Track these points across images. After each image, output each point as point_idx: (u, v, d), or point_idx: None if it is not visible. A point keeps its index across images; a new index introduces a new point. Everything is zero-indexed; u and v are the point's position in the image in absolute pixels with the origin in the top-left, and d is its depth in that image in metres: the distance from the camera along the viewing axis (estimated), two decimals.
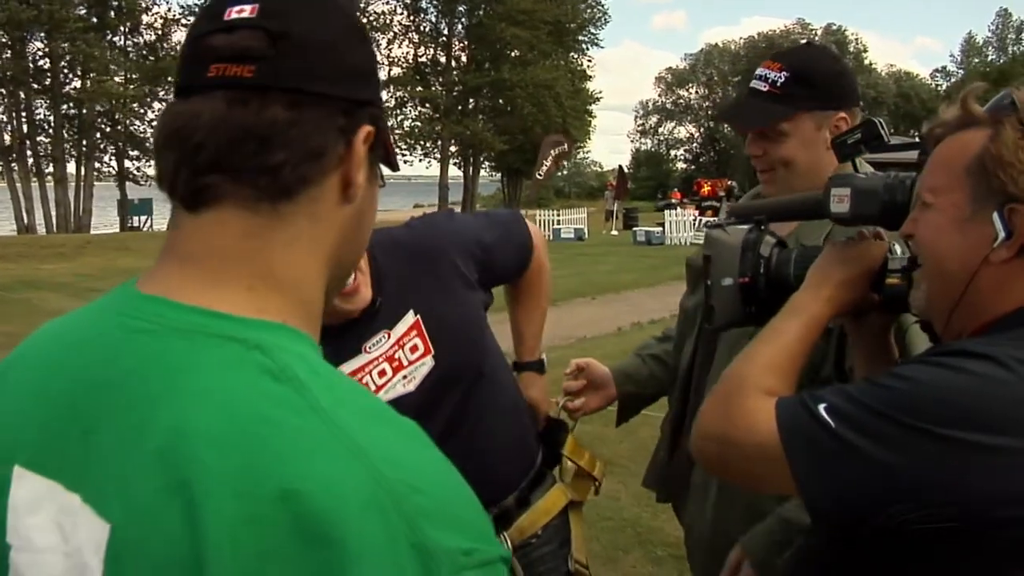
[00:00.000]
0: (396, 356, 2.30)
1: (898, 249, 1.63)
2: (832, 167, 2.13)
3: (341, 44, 0.99)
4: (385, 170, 1.11)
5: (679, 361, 2.56)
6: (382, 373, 2.29)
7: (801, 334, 1.54)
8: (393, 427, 0.91)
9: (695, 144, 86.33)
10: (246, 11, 0.95)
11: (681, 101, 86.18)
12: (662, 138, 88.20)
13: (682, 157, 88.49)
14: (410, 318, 2.32)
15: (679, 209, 34.29)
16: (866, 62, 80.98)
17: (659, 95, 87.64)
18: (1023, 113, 1.37)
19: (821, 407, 1.31)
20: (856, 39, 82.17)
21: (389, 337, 2.30)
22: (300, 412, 0.85)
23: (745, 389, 1.44)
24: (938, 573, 1.31)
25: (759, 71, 2.29)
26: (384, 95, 54.04)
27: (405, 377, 2.30)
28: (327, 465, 0.81)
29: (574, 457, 2.67)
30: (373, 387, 2.28)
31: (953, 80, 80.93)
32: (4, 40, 44.61)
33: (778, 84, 2.23)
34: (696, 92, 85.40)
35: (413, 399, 2.27)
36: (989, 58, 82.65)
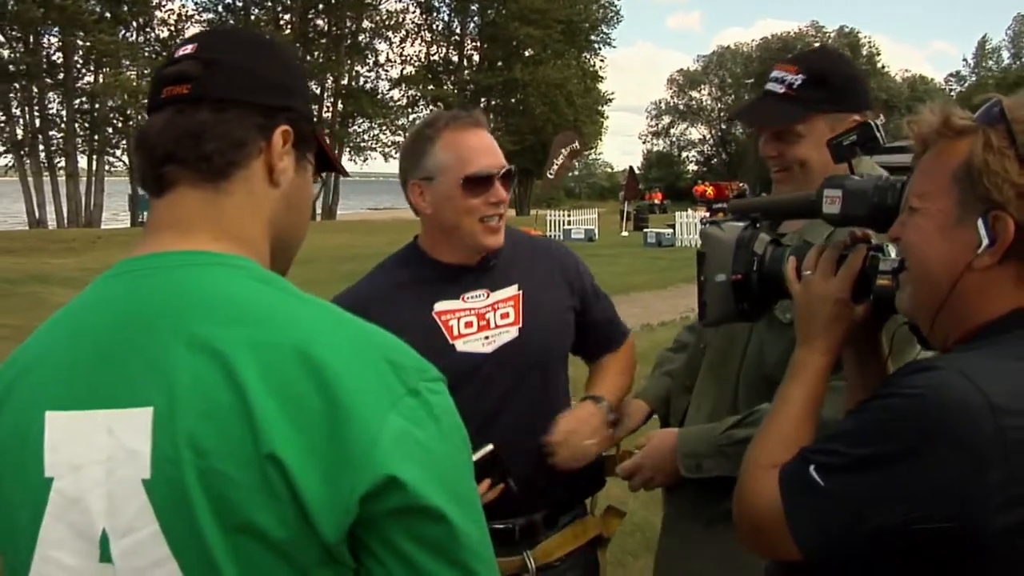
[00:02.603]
0: (487, 316, 2.41)
1: (892, 251, 1.63)
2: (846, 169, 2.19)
3: (260, 67, 1.31)
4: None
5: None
6: (468, 324, 2.39)
7: (806, 395, 1.60)
8: (340, 308, 1.23)
9: (707, 146, 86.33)
10: (188, 49, 1.30)
11: (693, 103, 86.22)
12: (674, 139, 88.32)
13: (694, 159, 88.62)
14: (513, 290, 2.46)
15: (691, 213, 34.16)
16: (879, 65, 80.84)
17: (671, 96, 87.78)
18: (1012, 122, 1.38)
19: (812, 468, 1.39)
20: (869, 42, 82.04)
21: (488, 297, 2.43)
22: (289, 300, 1.20)
23: (754, 471, 1.52)
24: None
25: (775, 73, 2.33)
26: (396, 93, 54.31)
27: (487, 338, 2.39)
28: (320, 327, 1.16)
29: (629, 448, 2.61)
30: (455, 332, 2.38)
31: (967, 84, 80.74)
32: (18, 34, 44.77)
33: (794, 86, 2.27)
34: (709, 94, 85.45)
35: (485, 361, 2.37)
36: (1004, 62, 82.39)
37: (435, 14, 60.27)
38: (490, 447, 2.25)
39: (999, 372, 1.32)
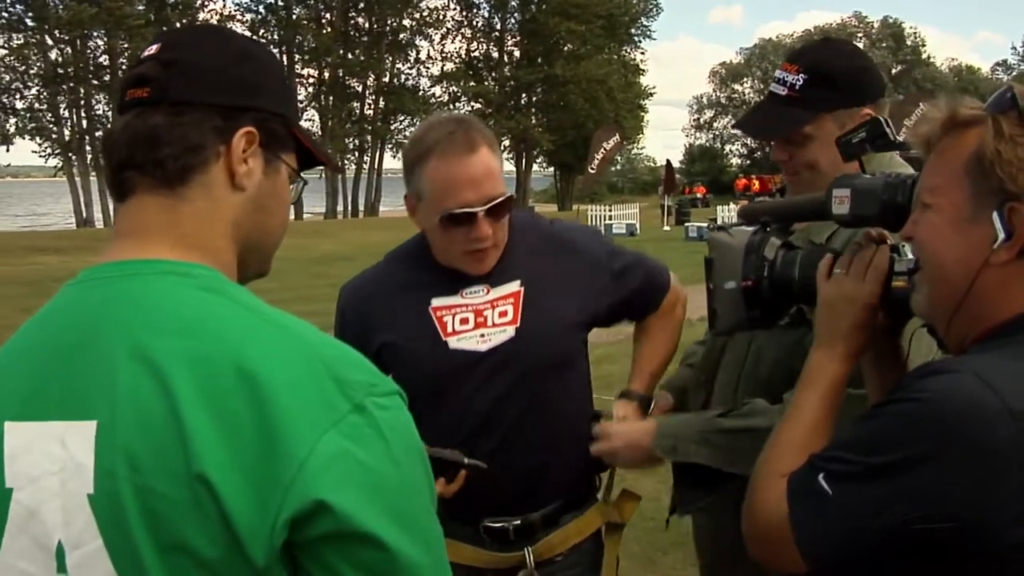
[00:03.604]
0: (484, 313, 2.32)
1: (908, 250, 1.55)
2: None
3: (222, 66, 1.26)
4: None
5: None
6: (464, 321, 2.31)
7: (821, 403, 1.52)
8: (294, 317, 1.19)
9: (750, 139, 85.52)
10: (153, 50, 1.27)
11: (736, 96, 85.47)
12: (717, 133, 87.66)
13: (737, 152, 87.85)
14: (514, 286, 2.34)
15: (733, 207, 33.91)
16: (924, 55, 79.79)
17: (713, 90, 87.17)
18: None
19: (821, 477, 1.32)
20: (915, 32, 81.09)
21: (488, 293, 2.33)
22: (236, 311, 1.16)
23: (763, 479, 1.46)
24: None
25: (777, 74, 2.23)
26: (437, 90, 54.30)
27: (483, 336, 2.30)
28: (262, 340, 1.12)
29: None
30: (449, 328, 2.30)
31: (1014, 73, 79.34)
32: (66, 37, 45.38)
33: (796, 87, 2.16)
34: (751, 87, 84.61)
35: (479, 360, 2.29)
36: None
37: (475, 11, 60.32)
38: (451, 450, 2.20)
39: (1017, 374, 1.24)
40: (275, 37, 52.13)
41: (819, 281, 1.60)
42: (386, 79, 57.13)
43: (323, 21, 55.26)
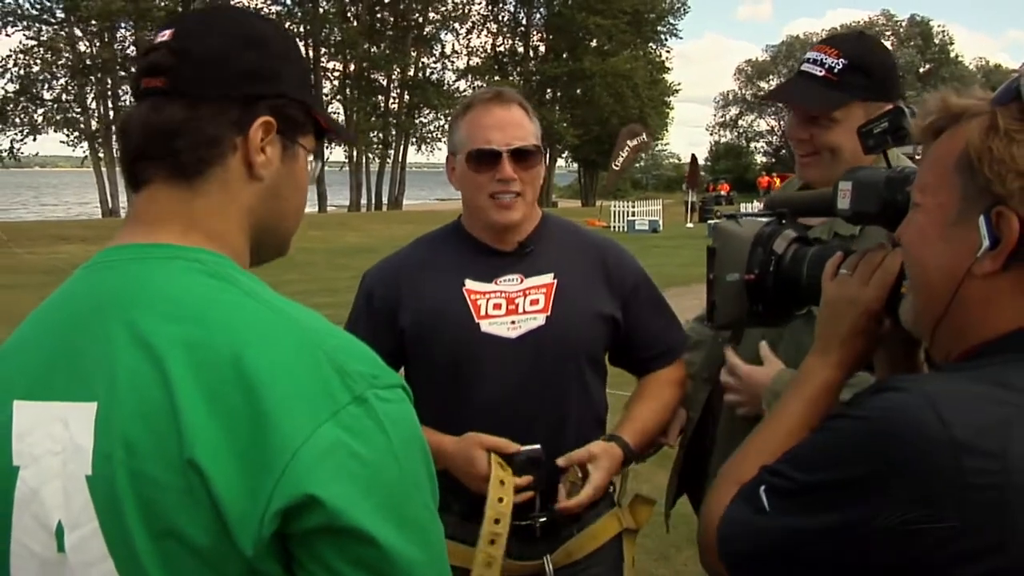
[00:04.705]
0: (516, 301, 2.37)
1: None
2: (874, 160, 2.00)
3: (237, 54, 1.23)
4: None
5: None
6: (496, 306, 2.36)
7: (804, 411, 1.43)
8: (301, 306, 1.18)
9: (775, 137, 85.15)
10: (166, 35, 1.24)
11: (761, 93, 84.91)
12: (741, 130, 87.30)
13: (762, 150, 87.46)
14: (547, 278, 2.40)
15: (757, 205, 33.72)
16: (952, 54, 79.23)
17: (739, 87, 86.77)
18: None
19: (762, 490, 1.23)
20: (943, 31, 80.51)
21: (521, 282, 2.39)
22: (240, 299, 1.15)
23: (721, 483, 1.37)
24: None
25: (812, 55, 2.23)
26: (462, 84, 54.16)
27: (513, 323, 2.35)
28: (263, 329, 1.11)
29: None
30: (482, 312, 2.35)
31: None
32: (94, 29, 45.64)
33: (835, 70, 2.17)
34: (777, 85, 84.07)
35: (508, 346, 2.33)
36: None
37: (501, 5, 60.27)
38: (538, 447, 2.22)
39: (972, 401, 1.11)
40: (301, 30, 52.18)
41: (823, 280, 1.51)
42: (411, 73, 57.11)
43: (349, 14, 55.30)
